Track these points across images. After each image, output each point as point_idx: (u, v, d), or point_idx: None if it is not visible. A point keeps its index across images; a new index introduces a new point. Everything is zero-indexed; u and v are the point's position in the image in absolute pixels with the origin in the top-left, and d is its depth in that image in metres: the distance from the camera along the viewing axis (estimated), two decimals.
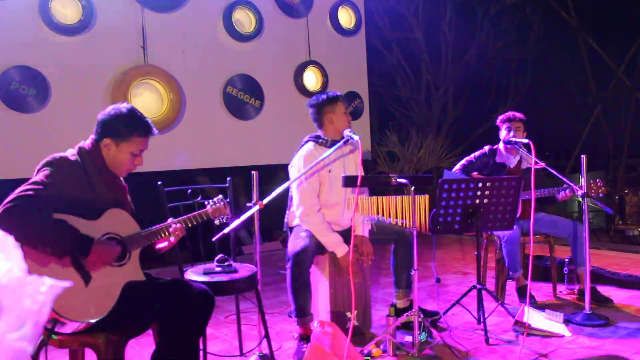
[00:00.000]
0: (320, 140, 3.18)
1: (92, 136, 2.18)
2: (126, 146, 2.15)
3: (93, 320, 1.91)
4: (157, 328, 2.13)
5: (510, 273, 3.70)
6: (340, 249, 3.03)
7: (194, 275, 2.64)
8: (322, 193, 3.14)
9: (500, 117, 3.88)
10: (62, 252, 1.90)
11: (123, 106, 2.18)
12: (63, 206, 1.94)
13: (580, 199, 3.34)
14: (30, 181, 1.94)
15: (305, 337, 2.95)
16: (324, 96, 3.20)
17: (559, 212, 4.32)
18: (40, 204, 1.88)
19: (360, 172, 2.77)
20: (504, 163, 3.82)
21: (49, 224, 1.87)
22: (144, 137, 2.18)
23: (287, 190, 2.97)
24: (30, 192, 1.88)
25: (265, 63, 5.81)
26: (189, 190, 2.74)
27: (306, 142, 3.23)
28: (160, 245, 2.31)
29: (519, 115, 3.82)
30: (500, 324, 3.32)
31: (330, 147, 3.04)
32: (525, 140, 3.52)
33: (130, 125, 2.15)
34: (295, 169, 3.13)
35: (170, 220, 2.28)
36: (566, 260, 3.94)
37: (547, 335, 3.05)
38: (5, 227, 1.76)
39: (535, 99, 9.11)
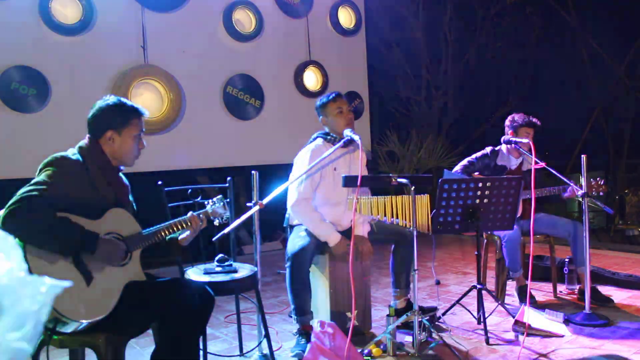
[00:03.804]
0: (329, 137, 3.19)
1: (88, 136, 2.19)
2: (128, 131, 2.18)
3: (94, 320, 1.91)
4: (157, 328, 2.14)
5: (511, 273, 3.70)
6: (332, 237, 3.03)
7: (194, 275, 2.64)
8: (326, 190, 3.14)
9: (519, 120, 3.75)
10: (68, 249, 1.90)
11: (108, 98, 2.22)
12: (65, 205, 1.95)
13: (580, 199, 3.34)
14: (33, 181, 1.95)
15: (304, 333, 2.95)
16: (318, 101, 3.26)
17: (559, 212, 4.31)
18: (45, 204, 1.88)
19: (361, 172, 2.77)
20: (505, 166, 3.81)
21: (54, 223, 1.88)
22: (140, 117, 2.23)
23: (288, 188, 2.98)
24: (34, 193, 1.88)
25: (265, 63, 5.81)
26: (189, 190, 2.74)
27: (315, 138, 3.25)
28: (183, 236, 2.32)
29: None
30: (500, 324, 3.32)
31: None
32: (526, 140, 3.52)
33: (124, 111, 2.19)
34: (300, 161, 3.13)
35: (183, 217, 2.29)
36: (566, 260, 3.94)
37: (547, 335, 3.05)
38: (11, 229, 1.77)
39: (535, 99, 9.10)
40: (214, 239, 2.44)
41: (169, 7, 5.16)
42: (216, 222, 2.44)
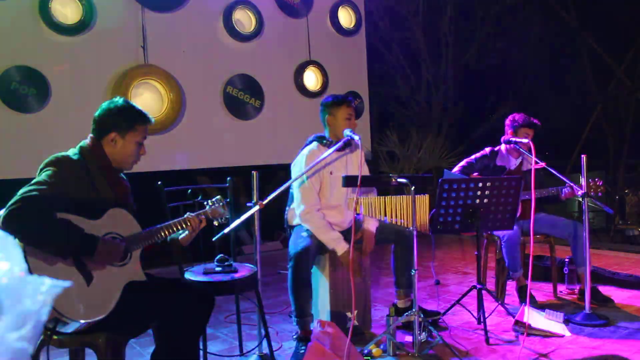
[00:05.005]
0: (324, 141, 3.18)
1: (91, 135, 2.18)
2: (132, 136, 2.18)
3: (94, 320, 1.91)
4: (157, 328, 2.14)
5: (511, 273, 3.70)
6: (340, 246, 3.03)
7: (194, 275, 2.64)
8: (323, 194, 3.14)
9: (519, 121, 3.73)
10: (67, 252, 1.90)
11: (117, 100, 2.21)
12: (65, 205, 1.95)
13: (580, 199, 3.34)
14: (33, 181, 1.94)
15: (303, 338, 2.95)
16: (330, 98, 3.22)
17: (559, 212, 4.30)
18: (45, 205, 1.88)
19: (361, 172, 2.77)
20: (504, 166, 3.81)
21: (54, 225, 1.87)
22: (145, 125, 2.23)
23: (288, 188, 2.97)
24: (35, 193, 1.88)
25: (265, 63, 5.80)
26: (189, 191, 2.74)
27: (310, 141, 3.24)
28: (182, 236, 2.32)
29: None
30: (500, 324, 3.32)
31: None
32: (525, 141, 3.52)
33: (131, 115, 2.19)
34: (297, 167, 3.13)
35: (185, 215, 2.29)
36: (566, 260, 3.94)
37: (547, 335, 3.05)
38: (11, 229, 1.76)
39: (535, 99, 9.10)
40: (214, 239, 2.44)
41: (169, 7, 5.16)
42: (216, 223, 2.44)
